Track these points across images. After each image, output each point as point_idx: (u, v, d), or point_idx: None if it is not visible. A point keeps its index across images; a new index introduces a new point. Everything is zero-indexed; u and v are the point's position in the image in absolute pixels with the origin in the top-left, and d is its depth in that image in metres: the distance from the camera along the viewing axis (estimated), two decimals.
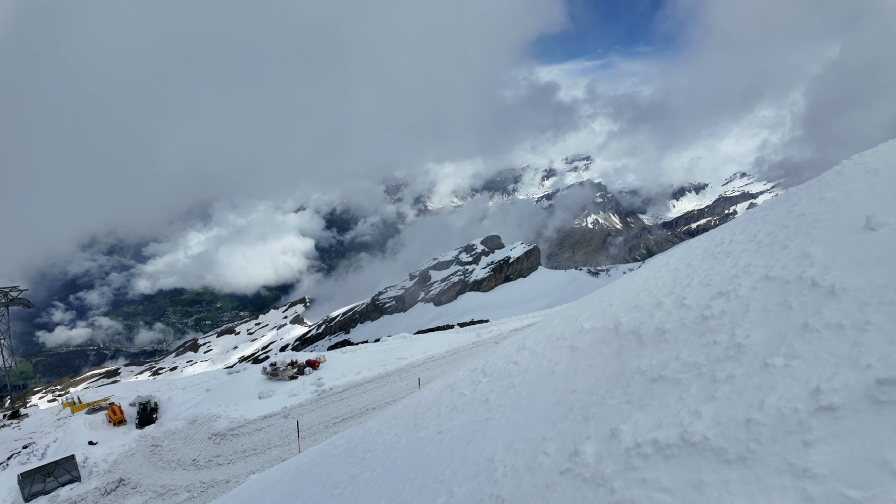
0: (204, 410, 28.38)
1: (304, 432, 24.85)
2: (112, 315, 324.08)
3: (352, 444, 11.91)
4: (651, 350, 5.40)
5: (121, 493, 21.51)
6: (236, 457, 23.64)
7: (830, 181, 6.37)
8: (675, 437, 3.79)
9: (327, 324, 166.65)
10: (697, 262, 6.83)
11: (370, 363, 35.03)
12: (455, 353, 36.12)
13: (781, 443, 3.12)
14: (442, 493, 5.77)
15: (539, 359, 7.66)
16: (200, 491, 21.18)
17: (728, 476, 3.23)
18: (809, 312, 4.02)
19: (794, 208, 6.22)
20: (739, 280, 5.33)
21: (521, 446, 5.49)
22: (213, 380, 41.36)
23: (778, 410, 3.31)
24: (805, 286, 4.39)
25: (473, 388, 8.74)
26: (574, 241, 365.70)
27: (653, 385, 4.76)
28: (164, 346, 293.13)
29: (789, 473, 2.94)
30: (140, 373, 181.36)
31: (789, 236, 5.55)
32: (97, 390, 44.55)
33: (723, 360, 4.30)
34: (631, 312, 6.63)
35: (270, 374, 33.48)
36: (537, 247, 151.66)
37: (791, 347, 3.80)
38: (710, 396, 3.98)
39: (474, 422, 7.24)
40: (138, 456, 24.23)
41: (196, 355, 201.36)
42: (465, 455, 6.37)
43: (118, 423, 32.21)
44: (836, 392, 3.08)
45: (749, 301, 4.83)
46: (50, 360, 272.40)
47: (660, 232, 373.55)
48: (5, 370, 63.04)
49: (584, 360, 6.46)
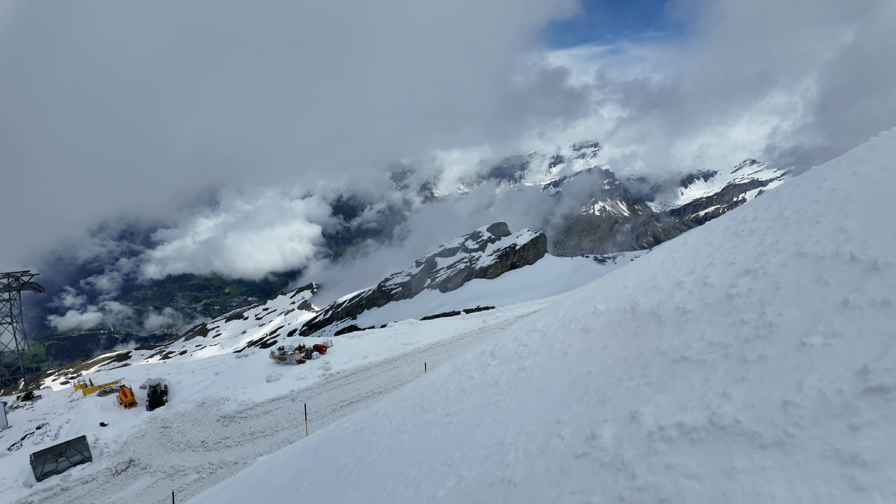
0: (213, 393, 28.53)
1: (311, 415, 24.92)
2: (122, 300, 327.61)
3: (359, 426, 11.78)
4: (671, 331, 5.14)
5: (131, 473, 21.70)
6: (244, 439, 23.77)
7: (862, 156, 6.02)
8: (703, 420, 3.54)
9: (334, 309, 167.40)
10: (719, 240, 6.52)
11: (377, 348, 35.05)
12: (461, 338, 36.09)
13: (825, 426, 2.86)
14: (451, 476, 5.58)
15: (550, 341, 7.42)
16: (209, 472, 21.34)
17: (763, 462, 2.98)
18: (849, 289, 3.73)
19: (823, 184, 5.88)
20: (767, 257, 5.03)
21: (534, 430, 5.27)
22: (222, 363, 41.61)
23: (819, 392, 3.04)
24: (842, 262, 4.10)
25: (482, 370, 8.53)
26: (581, 229, 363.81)
27: (675, 366, 4.51)
28: (173, 330, 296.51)
29: (834, 459, 2.69)
30: (150, 356, 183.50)
31: (820, 212, 5.23)
32: (108, 373, 45.01)
33: (752, 340, 4.03)
34: (648, 293, 6.36)
35: (278, 358, 33.60)
36: (544, 234, 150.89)
37: (830, 325, 3.52)
38: (741, 378, 3.72)
39: (483, 405, 7.04)
40: (148, 437, 24.41)
41: (205, 340, 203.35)
42: (474, 438, 6.17)
43: (129, 405, 32.52)
44: (888, 372, 2.80)
45: (779, 278, 4.54)
46: (62, 344, 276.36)
47: (668, 219, 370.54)
48: (18, 353, 63.92)
49: (599, 341, 6.21)
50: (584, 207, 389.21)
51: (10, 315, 62.40)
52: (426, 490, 5.70)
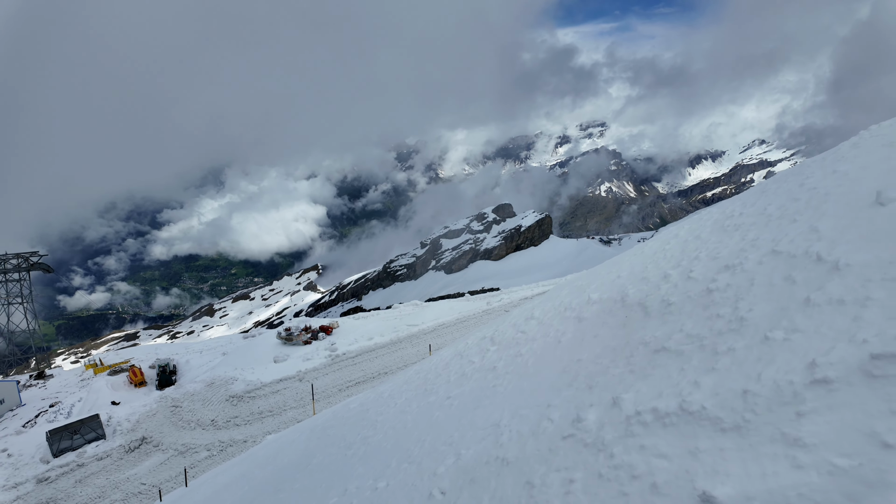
0: (221, 373, 29.24)
1: (318, 395, 25.58)
2: (130, 280, 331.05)
3: (365, 406, 12.30)
4: (656, 322, 5.50)
5: (144, 450, 22.48)
6: (253, 418, 24.48)
7: (845, 154, 6.29)
8: (675, 406, 3.92)
9: (340, 290, 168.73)
10: (707, 234, 6.84)
11: (382, 329, 35.63)
12: (465, 320, 36.55)
13: (776, 413, 3.23)
14: (450, 454, 6.02)
15: (546, 328, 7.81)
16: (219, 450, 22.06)
17: (723, 444, 3.36)
18: (813, 287, 4.07)
19: (806, 181, 6.17)
20: (747, 254, 5.36)
21: (527, 412, 5.68)
22: (230, 344, 42.36)
23: (774, 382, 3.41)
24: (811, 261, 4.43)
25: (482, 355, 8.96)
26: (587, 210, 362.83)
27: (656, 356, 4.88)
28: (180, 310, 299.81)
29: (781, 442, 3.06)
30: (158, 336, 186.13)
31: (799, 210, 5.54)
32: (118, 353, 45.91)
33: (725, 333, 4.39)
34: (638, 284, 6.71)
35: (285, 338, 34.25)
36: (549, 216, 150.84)
37: (792, 321, 3.87)
38: (711, 368, 4.09)
39: (482, 388, 7.46)
40: (159, 416, 25.18)
41: (212, 320, 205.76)
42: (472, 419, 6.60)
43: (139, 384, 33.29)
44: (832, 365, 3.16)
45: (755, 275, 4.88)
46: (71, 324, 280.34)
47: (675, 200, 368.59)
48: (29, 332, 65.14)
49: (591, 330, 6.59)
50: (591, 188, 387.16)
51: (21, 295, 63.45)
52: (427, 467, 6.15)
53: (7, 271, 61.40)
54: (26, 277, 63.64)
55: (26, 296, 63.94)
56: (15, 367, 67.83)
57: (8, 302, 62.57)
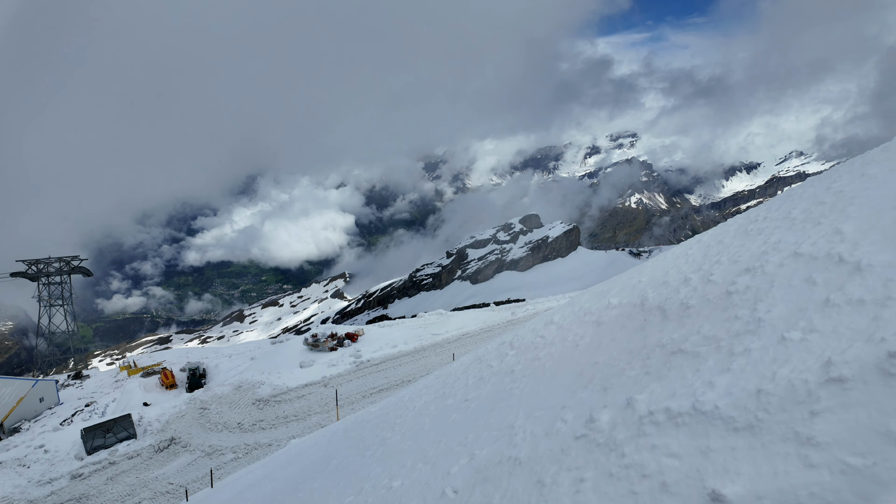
0: (249, 377, 29.81)
1: (342, 401, 25.80)
2: (164, 285, 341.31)
3: (385, 410, 12.38)
4: (674, 325, 5.43)
5: (172, 450, 23.03)
6: (278, 422, 24.83)
7: (875, 157, 6.13)
8: (688, 406, 3.87)
9: (366, 298, 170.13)
10: (730, 238, 6.72)
11: (406, 338, 35.81)
12: (490, 330, 36.44)
13: (789, 412, 3.16)
14: (464, 455, 6.03)
15: (565, 333, 7.76)
16: (245, 452, 22.41)
17: (735, 443, 3.30)
18: (833, 288, 3.98)
19: (833, 185, 6.02)
20: (768, 256, 5.25)
21: (542, 414, 5.66)
22: (258, 349, 43.15)
23: (789, 382, 3.33)
24: (832, 262, 4.32)
25: (500, 360, 8.94)
26: (617, 221, 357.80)
27: (672, 357, 4.81)
28: (212, 315, 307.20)
29: (794, 441, 3.00)
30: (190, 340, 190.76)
31: (824, 213, 5.41)
32: (151, 355, 47.29)
33: (742, 335, 4.31)
34: (658, 288, 6.62)
35: (311, 345, 34.75)
36: (577, 227, 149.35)
37: (810, 322, 3.78)
38: (726, 368, 4.02)
39: (499, 391, 7.45)
40: (188, 418, 25.79)
41: (242, 325, 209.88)
42: (488, 421, 6.60)
43: (170, 386, 34.21)
44: (847, 364, 3.08)
45: (774, 277, 4.78)
46: (108, 326, 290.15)
47: (708, 212, 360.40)
48: (69, 334, 67.73)
49: (609, 334, 6.53)
50: (621, 199, 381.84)
51: (62, 297, 66.10)
52: (442, 466, 6.17)
53: (50, 274, 64.14)
54: (67, 280, 66.33)
55: (67, 298, 66.58)
56: (54, 367, 70.52)
57: (49, 304, 65.28)
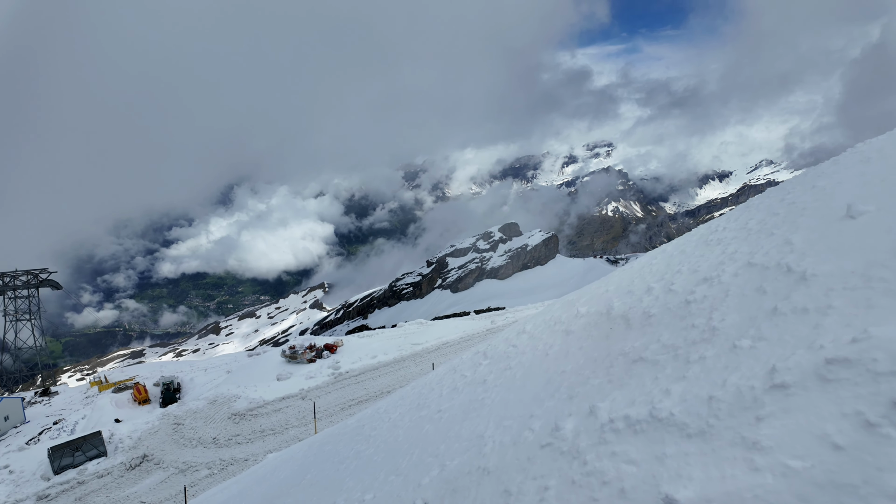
0: (224, 391, 29.28)
1: (320, 414, 25.52)
2: (137, 298, 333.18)
3: (361, 422, 12.33)
4: (636, 333, 5.58)
5: (144, 468, 22.44)
6: (255, 436, 24.41)
7: (825, 170, 6.42)
8: (645, 413, 4.00)
9: (345, 309, 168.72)
10: (691, 248, 6.95)
11: (386, 348, 35.62)
12: (469, 339, 36.50)
13: (737, 418, 3.31)
14: (435, 466, 6.07)
15: (536, 342, 7.89)
16: (220, 468, 21.96)
17: (688, 449, 3.43)
18: (780, 297, 4.16)
19: (786, 196, 6.29)
20: (724, 266, 5.46)
21: (510, 423, 5.74)
22: (234, 362, 42.47)
23: (737, 388, 3.48)
24: (781, 272, 4.52)
25: (474, 369, 9.02)
26: (594, 229, 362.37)
27: (633, 366, 4.96)
28: (187, 328, 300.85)
29: (741, 446, 3.13)
30: (164, 354, 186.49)
31: (777, 224, 5.64)
32: (123, 370, 46.12)
33: (698, 343, 4.47)
34: (623, 297, 6.80)
35: (289, 357, 34.30)
36: (555, 235, 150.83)
37: (759, 330, 3.96)
38: (682, 376, 4.16)
39: (471, 401, 7.52)
40: (161, 433, 25.18)
41: (218, 338, 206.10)
42: (459, 432, 6.66)
43: (142, 401, 33.41)
44: (789, 371, 3.24)
45: (729, 287, 4.97)
46: (78, 341, 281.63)
47: (683, 220, 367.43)
48: (36, 349, 65.52)
49: (576, 343, 6.66)
50: (598, 208, 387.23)
51: (29, 311, 63.98)
52: (413, 478, 6.20)
53: (16, 287, 62.05)
54: (35, 294, 64.23)
55: (34, 312, 64.46)
56: (21, 384, 68.13)
57: (16, 318, 63.09)
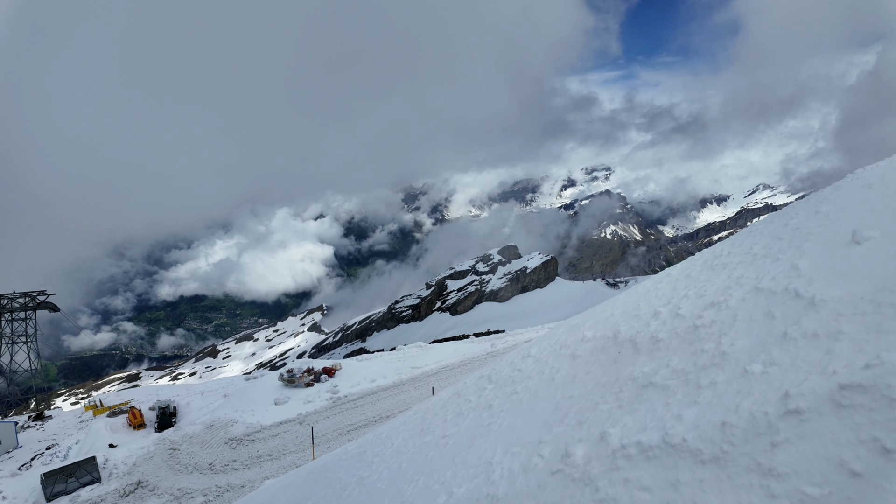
0: (221, 415, 28.89)
1: (318, 439, 25.16)
2: (135, 320, 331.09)
3: (362, 448, 12.16)
4: (645, 358, 5.58)
5: (139, 495, 22.01)
6: (252, 462, 24.02)
7: (828, 196, 6.49)
8: (658, 439, 3.98)
9: (344, 332, 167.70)
10: (696, 273, 6.98)
11: (385, 372, 35.29)
12: (469, 362, 36.22)
13: (751, 444, 3.30)
14: (442, 493, 5.99)
15: (542, 366, 7.85)
16: (216, 495, 21.55)
17: (703, 475, 3.41)
18: (790, 322, 4.19)
19: (790, 221, 6.35)
20: (731, 291, 5.49)
21: (519, 449, 5.69)
22: (231, 385, 41.99)
23: (751, 414, 3.48)
24: (789, 297, 4.55)
25: (479, 394, 8.95)
26: (592, 252, 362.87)
27: (643, 391, 4.94)
28: (184, 351, 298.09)
29: (757, 472, 3.12)
30: (160, 377, 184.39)
31: (782, 249, 5.69)
32: (118, 394, 45.55)
33: (708, 368, 4.47)
34: (630, 322, 6.80)
35: (287, 380, 33.93)
36: (554, 258, 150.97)
37: (770, 355, 3.97)
38: (693, 401, 4.16)
39: (477, 426, 7.45)
40: (157, 459, 24.77)
41: (215, 361, 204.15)
42: (466, 458, 6.58)
43: (138, 426, 32.86)
44: (804, 396, 3.25)
45: (738, 311, 4.99)
46: (74, 364, 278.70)
47: (682, 243, 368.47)
48: (31, 372, 64.74)
49: (583, 367, 6.64)
50: (597, 231, 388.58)
51: (25, 334, 63.41)
52: None
53: (14, 310, 61.60)
54: (32, 316, 63.74)
55: (31, 335, 63.89)
56: (14, 408, 67.16)
57: (12, 341, 62.46)
